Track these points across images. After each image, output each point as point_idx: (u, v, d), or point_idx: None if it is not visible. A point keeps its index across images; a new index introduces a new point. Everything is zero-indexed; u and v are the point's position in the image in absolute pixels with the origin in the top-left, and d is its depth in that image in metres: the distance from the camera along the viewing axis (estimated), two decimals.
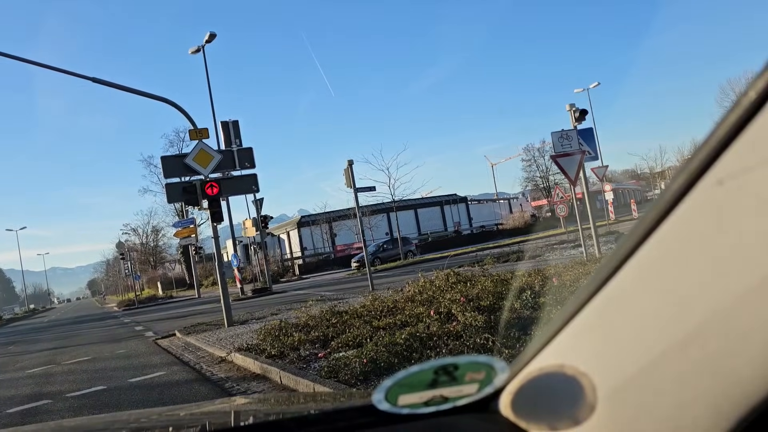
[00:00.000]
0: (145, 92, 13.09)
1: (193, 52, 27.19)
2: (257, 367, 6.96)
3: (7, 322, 55.36)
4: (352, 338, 6.61)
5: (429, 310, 6.79)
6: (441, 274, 9.38)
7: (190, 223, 31.79)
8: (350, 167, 16.59)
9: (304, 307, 10.25)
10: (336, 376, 5.26)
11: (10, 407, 7.32)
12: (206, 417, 1.51)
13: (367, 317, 7.82)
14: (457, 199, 64.02)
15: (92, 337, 17.27)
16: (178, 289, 49.39)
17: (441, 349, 5.09)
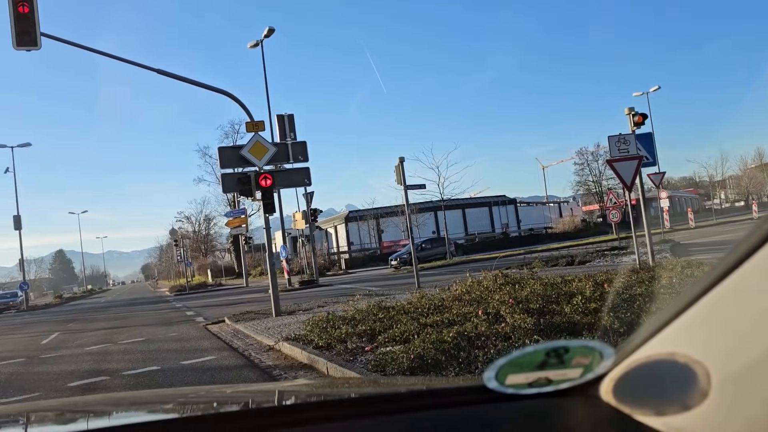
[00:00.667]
0: (206, 84, 13.46)
1: (252, 46, 27.76)
2: (304, 357, 7.10)
3: (67, 300, 57.86)
4: (399, 334, 6.67)
5: (477, 310, 6.79)
6: (489, 274, 9.34)
7: (242, 213, 32.48)
8: (401, 164, 16.65)
9: (352, 301, 10.38)
10: (383, 370, 5.32)
11: (72, 381, 7.70)
12: (321, 390, 1.57)
13: (413, 314, 7.86)
14: (506, 200, 63.34)
15: (146, 320, 17.91)
16: (227, 277, 50.54)
17: (489, 350, 5.10)
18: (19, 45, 11.10)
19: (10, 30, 11.17)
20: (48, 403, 4.38)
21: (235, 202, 47.42)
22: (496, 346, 5.20)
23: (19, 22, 11.13)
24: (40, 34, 11.23)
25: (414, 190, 19.21)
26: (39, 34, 11.20)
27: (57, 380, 8.00)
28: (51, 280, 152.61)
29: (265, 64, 27.85)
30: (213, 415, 1.36)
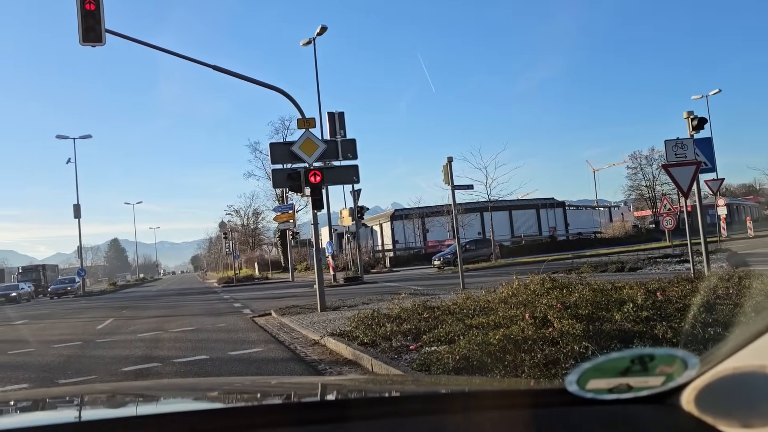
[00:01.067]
0: (260, 81, 13.72)
1: (305, 44, 28.11)
2: (349, 353, 7.17)
3: (121, 287, 59.95)
4: (444, 334, 6.67)
5: (523, 314, 6.71)
6: (536, 278, 9.22)
7: (289, 208, 32.94)
8: (449, 164, 16.57)
9: (397, 300, 10.41)
10: (428, 369, 5.34)
11: (125, 366, 7.99)
12: (396, 384, 1.60)
13: (458, 315, 7.84)
14: (554, 203, 62.25)
15: (195, 309, 18.40)
16: (273, 271, 51.35)
17: (536, 354, 5.04)
18: (85, 41, 11.55)
19: (77, 26, 11.64)
20: (103, 386, 4.57)
21: (284, 197, 48.15)
22: (543, 350, 5.14)
23: (86, 18, 11.58)
24: (105, 30, 11.67)
25: (461, 190, 19.11)
26: (104, 30, 11.64)
27: (112, 364, 8.32)
28: (106, 267, 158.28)
29: (317, 61, 28.19)
30: (275, 406, 1.40)
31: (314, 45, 27.97)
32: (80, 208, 44.60)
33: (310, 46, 28.15)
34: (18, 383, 7.46)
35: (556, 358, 4.87)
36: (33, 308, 30.23)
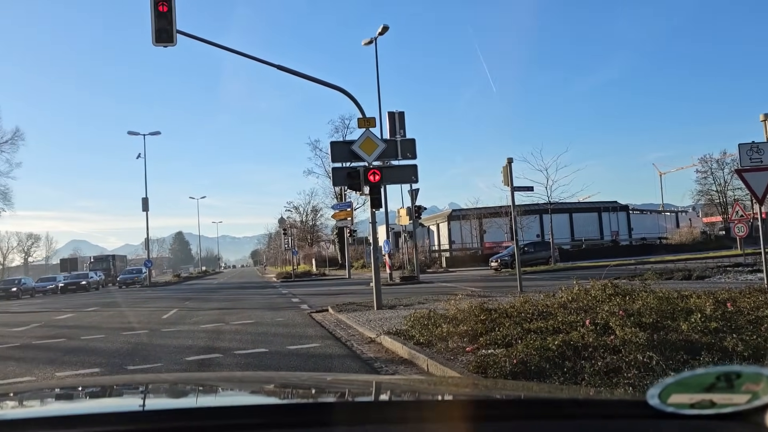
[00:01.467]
0: (322, 80, 13.93)
1: (366, 43, 28.34)
2: (405, 352, 7.20)
3: (184, 279, 62.04)
4: (501, 337, 6.60)
5: (584, 320, 6.57)
6: (597, 283, 9.00)
7: (348, 206, 33.31)
8: (509, 165, 16.38)
9: (454, 300, 10.36)
10: (484, 372, 5.30)
11: (189, 356, 8.29)
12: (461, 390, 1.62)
13: (516, 318, 7.73)
14: (617, 206, 60.44)
15: (255, 303, 18.86)
16: (330, 267, 51.97)
17: (596, 361, 4.93)
18: (157, 41, 12.03)
19: (151, 27, 12.12)
20: (167, 376, 4.76)
21: (342, 195, 48.63)
22: (604, 358, 5.01)
23: (159, 19, 12.06)
24: (176, 31, 12.11)
25: (521, 192, 18.84)
26: (175, 31, 12.09)
27: (176, 353, 8.64)
28: (170, 259, 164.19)
29: (378, 61, 28.37)
30: (331, 404, 1.43)
31: (375, 44, 28.15)
32: (148, 202, 46.41)
33: (371, 46, 28.37)
34: (90, 367, 7.85)
35: (617, 366, 4.74)
36: (102, 296, 31.70)
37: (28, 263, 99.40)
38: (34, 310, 22.34)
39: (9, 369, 8.13)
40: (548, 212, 34.25)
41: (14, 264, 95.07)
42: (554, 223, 35.95)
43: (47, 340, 11.30)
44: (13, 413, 1.44)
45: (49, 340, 11.28)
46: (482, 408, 1.24)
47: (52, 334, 12.36)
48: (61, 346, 10.24)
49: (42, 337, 11.78)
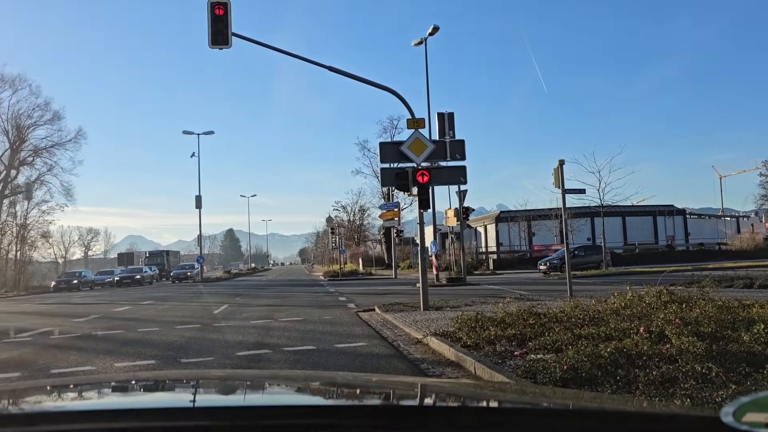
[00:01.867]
0: (371, 81, 14.00)
1: (416, 44, 28.30)
2: (452, 354, 7.17)
3: (234, 276, 63.42)
4: (550, 342, 6.49)
5: (638, 327, 6.40)
6: (652, 290, 8.76)
7: (395, 206, 33.35)
8: (560, 167, 16.07)
9: (501, 303, 10.26)
10: (533, 377, 5.23)
11: (239, 351, 8.46)
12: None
13: (566, 323, 7.60)
14: (673, 210, 58.52)
15: (303, 301, 19.11)
16: (377, 267, 52.14)
17: (651, 371, 4.79)
18: (213, 44, 12.33)
19: (207, 30, 12.43)
20: (217, 372, 4.87)
21: (390, 195, 48.71)
22: (659, 367, 4.87)
23: (215, 22, 12.36)
24: (232, 34, 12.39)
25: (572, 194, 18.48)
26: (230, 34, 12.37)
27: (227, 348, 8.84)
28: (221, 255, 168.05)
29: (427, 61, 28.29)
30: (378, 407, 1.44)
31: (425, 45, 28.08)
32: (201, 199, 47.64)
33: (420, 47, 28.32)
34: (146, 359, 8.12)
35: (673, 376, 4.60)
36: (156, 290, 32.72)
37: (87, 257, 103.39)
38: (93, 302, 23.26)
39: (71, 358, 8.48)
40: (600, 215, 33.47)
41: (75, 257, 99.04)
42: (606, 227, 35.09)
43: (106, 331, 11.74)
44: (72, 405, 1.51)
45: (108, 331, 11.72)
46: (539, 416, 1.23)
47: (111, 325, 12.84)
48: (118, 338, 10.63)
49: (101, 328, 12.24)
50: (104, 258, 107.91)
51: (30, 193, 46.39)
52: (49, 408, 1.47)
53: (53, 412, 1.40)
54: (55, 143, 50.28)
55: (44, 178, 50.36)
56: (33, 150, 50.25)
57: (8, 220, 49.33)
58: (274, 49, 13.79)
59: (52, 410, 1.43)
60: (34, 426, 1.16)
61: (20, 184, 48.94)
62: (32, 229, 50.81)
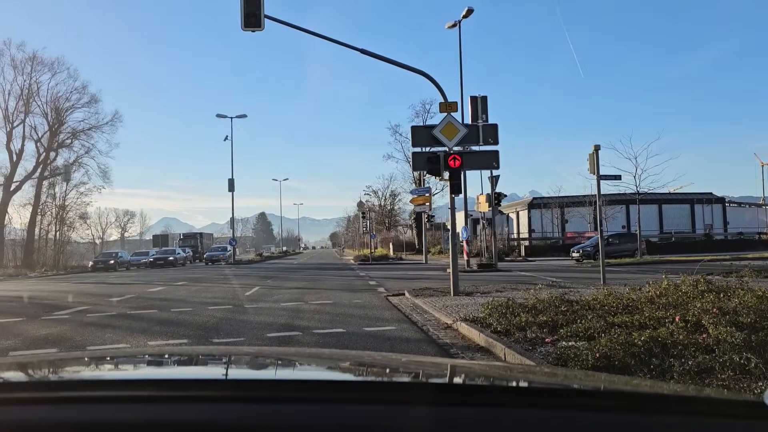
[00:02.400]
0: (404, 64, 13.89)
1: (450, 26, 27.96)
2: (482, 340, 7.12)
3: (266, 258, 64.19)
4: (582, 329, 6.40)
5: (673, 316, 6.26)
6: (688, 279, 8.56)
7: (426, 191, 33.27)
8: (596, 153, 15.77)
9: (533, 290, 10.15)
10: (564, 364, 5.15)
11: (270, 332, 8.56)
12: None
13: (599, 311, 7.49)
14: (712, 198, 57.07)
15: (333, 284, 19.24)
16: (407, 252, 52.22)
17: (686, 360, 4.68)
18: (246, 26, 12.35)
19: (240, 12, 12.46)
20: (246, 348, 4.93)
21: (421, 180, 48.61)
22: (695, 357, 4.75)
23: (248, 4, 12.36)
24: (264, 16, 12.39)
25: (607, 180, 18.13)
26: (263, 16, 12.37)
27: (258, 329, 8.95)
28: (253, 238, 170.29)
29: (461, 44, 27.95)
30: (407, 384, 1.42)
31: (459, 28, 27.72)
32: (234, 183, 48.20)
33: (454, 29, 27.97)
34: (178, 338, 8.28)
35: (710, 366, 4.48)
36: (190, 272, 33.31)
37: (124, 238, 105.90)
38: (129, 282, 23.81)
39: (107, 335, 8.70)
40: (636, 203, 32.77)
41: (112, 238, 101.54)
42: (642, 215, 34.38)
43: (140, 310, 12.01)
44: (110, 375, 1.54)
45: (142, 310, 11.98)
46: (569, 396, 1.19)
47: (145, 305, 13.12)
48: (153, 317, 10.85)
49: (136, 308, 12.52)
50: (140, 239, 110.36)
51: (68, 174, 47.59)
52: (86, 376, 1.51)
53: (89, 380, 1.44)
54: (92, 126, 51.29)
55: (82, 160, 51.50)
56: (71, 132, 51.36)
57: (48, 202, 50.71)
58: (306, 32, 13.77)
59: (88, 378, 1.47)
60: (70, 392, 1.20)
61: (59, 166, 50.19)
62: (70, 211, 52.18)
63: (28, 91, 48.59)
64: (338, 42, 13.79)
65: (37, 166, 49.71)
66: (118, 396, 1.12)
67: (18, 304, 14.49)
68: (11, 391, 1.25)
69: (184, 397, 1.10)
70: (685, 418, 0.98)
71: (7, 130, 48.17)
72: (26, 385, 1.36)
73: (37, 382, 1.39)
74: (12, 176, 48.31)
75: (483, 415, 1.00)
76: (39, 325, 10.10)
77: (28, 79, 48.51)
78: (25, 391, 1.25)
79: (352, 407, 1.03)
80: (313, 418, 1.00)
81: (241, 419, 1.00)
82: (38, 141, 49.76)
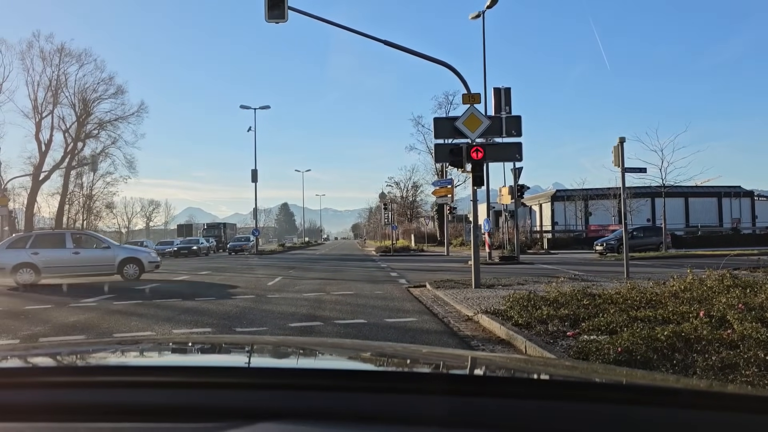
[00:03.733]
0: (427, 56, 13.83)
1: (473, 17, 27.72)
2: (503, 333, 7.12)
3: (288, 249, 64.63)
4: (605, 323, 6.36)
5: (697, 311, 6.19)
6: (713, 273, 8.45)
7: (448, 183, 33.14)
8: (621, 145, 15.56)
9: (555, 282, 10.09)
10: (586, 358, 5.13)
11: (292, 322, 8.65)
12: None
13: (622, 305, 7.43)
14: (740, 192, 55.93)
15: (354, 275, 19.32)
16: (429, 244, 52.15)
17: (710, 356, 4.63)
18: (270, 18, 12.42)
19: (264, 3, 12.51)
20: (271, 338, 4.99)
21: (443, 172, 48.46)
22: (719, 353, 4.70)
23: None
24: (288, 7, 12.43)
25: (632, 173, 17.90)
26: (287, 7, 12.41)
27: (280, 319, 9.05)
28: (275, 229, 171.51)
29: (485, 35, 27.70)
30: (426, 374, 1.44)
31: (483, 18, 27.48)
32: (257, 173, 48.50)
33: (478, 20, 27.73)
34: (202, 327, 8.41)
35: (734, 362, 4.43)
36: (213, 261, 33.70)
37: (149, 227, 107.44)
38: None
39: (132, 323, 8.88)
40: (661, 196, 32.29)
41: (137, 228, 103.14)
42: (668, 208, 33.89)
43: (165, 299, 12.20)
44: (138, 361, 1.60)
45: (167, 299, 12.18)
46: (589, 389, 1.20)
47: (169, 293, 13.33)
48: (177, 306, 11.03)
49: (161, 296, 12.73)
50: (165, 229, 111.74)
51: (95, 165, 48.35)
52: (116, 362, 1.57)
53: (120, 366, 1.49)
54: (118, 117, 52.15)
55: (108, 150, 52.42)
56: (98, 123, 52.24)
57: (75, 191, 51.67)
58: (329, 23, 13.78)
59: (118, 364, 1.52)
60: (102, 377, 1.24)
61: (86, 156, 51.04)
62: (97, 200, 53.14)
63: (57, 82, 49.50)
64: (361, 33, 13.78)
65: (65, 156, 50.69)
66: (146, 381, 1.17)
67: (46, 291, 14.84)
68: (48, 375, 1.30)
69: (209, 383, 1.14)
70: (708, 413, 0.99)
71: (36, 120, 49.17)
72: (60, 369, 1.42)
73: (71, 367, 1.45)
74: (41, 166, 49.33)
75: (502, 406, 1.02)
76: (67, 312, 10.34)
77: (57, 70, 49.43)
78: (60, 375, 1.31)
79: (372, 396, 1.06)
80: (333, 405, 1.02)
81: (263, 405, 1.03)
82: (66, 131, 50.71)
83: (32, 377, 1.27)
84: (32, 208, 49.09)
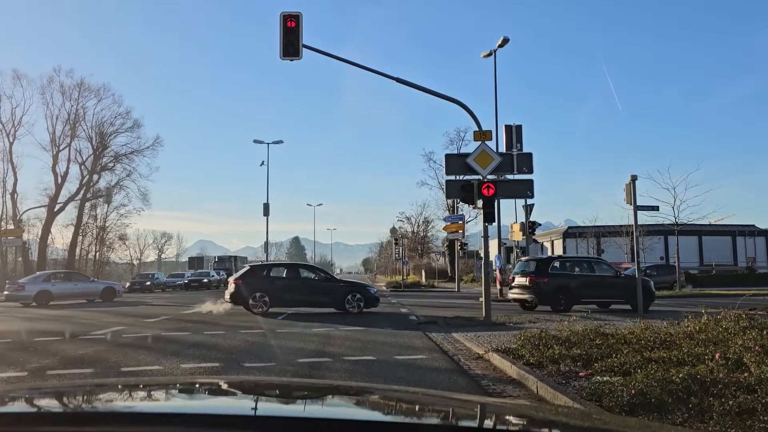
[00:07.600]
0: (439, 93, 13.98)
1: (485, 56, 28.08)
2: (514, 372, 7.01)
3: None
4: (618, 364, 6.24)
5: (713, 353, 6.07)
6: (729, 314, 8.30)
7: (460, 219, 33.14)
8: (633, 183, 15.55)
9: (567, 321, 9.96)
10: (599, 400, 5.03)
11: (300, 358, 8.58)
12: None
13: (635, 345, 7.31)
14: (754, 230, 55.36)
15: None
16: (440, 279, 51.84)
17: (727, 400, 4.51)
18: (284, 56, 12.66)
19: (278, 42, 12.78)
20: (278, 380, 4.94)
21: (455, 207, 48.46)
22: (736, 397, 4.58)
23: (286, 35, 12.69)
24: (302, 46, 12.68)
25: (644, 211, 17.81)
26: (301, 46, 12.66)
27: (289, 355, 8.97)
28: None
29: (496, 73, 28.02)
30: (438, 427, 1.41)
31: (495, 57, 27.83)
32: (269, 207, 48.76)
33: (489, 58, 28.09)
34: (210, 362, 8.35)
35: (752, 407, 4.32)
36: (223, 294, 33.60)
37: (161, 259, 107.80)
38: (164, 303, 24.18)
39: (141, 357, 8.83)
40: (675, 233, 32.01)
41: (149, 259, 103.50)
42: (681, 246, 33.54)
43: (174, 332, 12.17)
44: (141, 407, 1.58)
45: (176, 332, 12.14)
46: None
47: (179, 327, 13.30)
48: (186, 339, 10.98)
49: (170, 330, 12.70)
50: (176, 261, 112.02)
51: (110, 197, 48.94)
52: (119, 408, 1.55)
53: (122, 413, 1.47)
54: (134, 150, 52.80)
55: (123, 183, 52.93)
56: (114, 156, 52.92)
57: (89, 223, 52.11)
58: (343, 61, 14.03)
59: (121, 411, 1.51)
60: (100, 427, 1.22)
61: (101, 189, 51.68)
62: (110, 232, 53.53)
63: (75, 116, 50.40)
64: (373, 70, 13.99)
65: (81, 188, 51.26)
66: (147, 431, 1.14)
67: (57, 323, 14.85)
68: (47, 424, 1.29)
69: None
70: None
71: (54, 153, 49.93)
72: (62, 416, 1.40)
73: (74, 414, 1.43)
74: (56, 197, 49.89)
75: None
76: (76, 344, 10.32)
77: (75, 104, 50.36)
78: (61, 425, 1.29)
79: None
80: None
81: None
82: (82, 164, 51.40)
83: (30, 427, 1.25)
84: (46, 240, 49.50)
